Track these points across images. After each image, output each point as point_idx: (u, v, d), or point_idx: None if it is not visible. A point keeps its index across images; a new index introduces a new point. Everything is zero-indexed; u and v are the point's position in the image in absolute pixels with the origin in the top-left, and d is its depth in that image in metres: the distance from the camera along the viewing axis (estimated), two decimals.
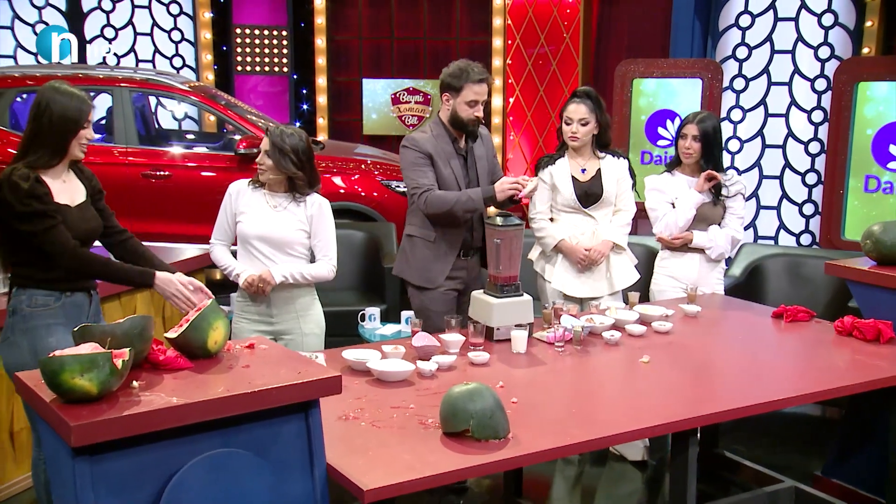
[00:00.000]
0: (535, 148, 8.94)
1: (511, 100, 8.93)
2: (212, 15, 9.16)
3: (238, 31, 9.37)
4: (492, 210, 3.67)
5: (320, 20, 9.27)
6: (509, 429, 2.44)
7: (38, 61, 8.50)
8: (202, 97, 6.58)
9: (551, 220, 4.08)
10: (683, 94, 6.74)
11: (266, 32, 9.43)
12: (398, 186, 6.53)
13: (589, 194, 4.01)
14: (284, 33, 9.43)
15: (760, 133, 6.88)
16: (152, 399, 2.00)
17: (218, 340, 2.28)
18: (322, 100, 9.38)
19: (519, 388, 2.85)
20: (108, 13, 8.81)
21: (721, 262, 4.20)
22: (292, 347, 3.49)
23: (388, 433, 2.47)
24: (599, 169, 4.04)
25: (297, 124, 9.53)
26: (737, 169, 6.97)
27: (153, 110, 8.26)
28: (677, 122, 6.77)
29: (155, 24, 9.01)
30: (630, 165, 4.12)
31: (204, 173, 6.36)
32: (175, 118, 8.93)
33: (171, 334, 2.25)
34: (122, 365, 1.99)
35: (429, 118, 9.04)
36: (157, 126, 7.83)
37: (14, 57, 8.51)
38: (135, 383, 2.08)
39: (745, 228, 6.92)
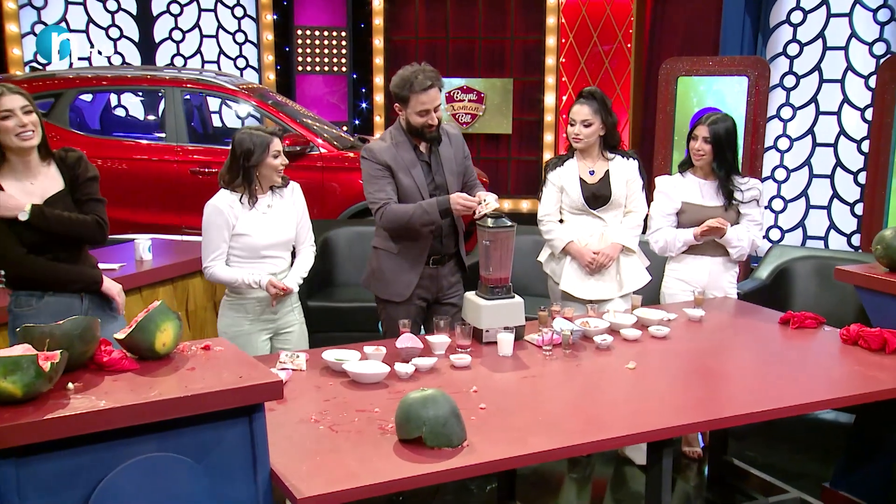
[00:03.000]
0: None
1: (564, 98, 8.92)
2: (274, 17, 9.42)
3: (299, 32, 9.61)
4: (487, 204, 3.43)
5: (378, 21, 9.43)
6: (465, 436, 2.43)
7: (110, 63, 8.93)
8: (250, 96, 6.78)
9: (561, 221, 4.09)
10: (729, 93, 6.60)
11: (326, 33, 9.64)
12: None
13: (597, 196, 4.00)
14: (344, 34, 9.64)
15: (811, 131, 6.71)
16: (80, 402, 1.98)
17: (166, 342, 2.29)
18: (379, 98, 9.54)
19: (493, 393, 2.84)
20: (175, 17, 9.17)
21: (734, 266, 4.13)
22: (296, 337, 3.69)
23: (344, 438, 2.47)
24: (608, 170, 4.02)
25: (357, 122, 9.73)
26: (786, 168, 6.82)
27: (213, 110, 8.56)
28: None
29: (220, 26, 9.33)
30: (640, 165, 4.09)
31: None
32: (239, 117, 9.21)
33: (120, 335, 2.28)
34: (52, 367, 1.97)
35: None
36: (213, 125, 8.10)
37: (89, 59, 8.93)
38: (70, 385, 2.07)
39: (793, 229, 6.77)
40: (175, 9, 9.11)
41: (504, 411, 2.71)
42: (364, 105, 9.79)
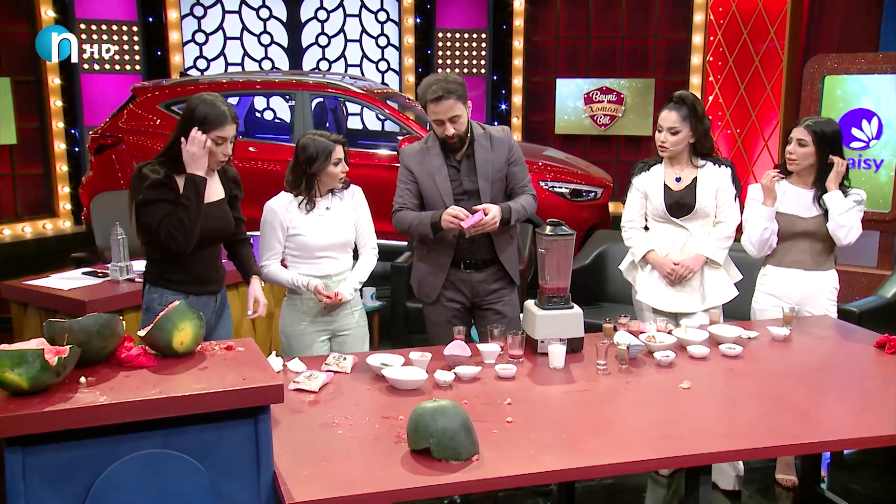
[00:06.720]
0: (734, 147, 8.43)
1: (710, 98, 8.48)
2: (416, 20, 9.56)
3: (440, 34, 9.71)
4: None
5: (519, 22, 9.37)
6: (477, 450, 2.37)
7: (261, 68, 9.39)
8: (374, 99, 6.87)
9: (646, 228, 3.90)
10: (883, 92, 6.08)
11: (467, 35, 9.68)
12: (556, 188, 6.50)
13: (681, 204, 3.77)
14: (484, 36, 9.64)
15: None
16: (84, 396, 2.04)
17: (184, 341, 2.33)
18: (517, 100, 9.48)
19: (527, 407, 2.75)
20: (322, 23, 9.51)
21: (833, 281, 3.76)
22: (353, 341, 3.67)
23: (357, 444, 2.46)
24: (696, 178, 3.78)
25: (495, 123, 9.71)
26: None
27: (354, 112, 8.79)
28: (875, 122, 6.16)
29: (364, 30, 9.59)
30: (734, 173, 3.82)
31: (370, 171, 6.57)
32: (379, 119, 9.43)
33: (142, 332, 2.36)
34: (59, 362, 2.02)
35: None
36: (347, 127, 8.31)
37: (241, 64, 9.44)
38: (82, 379, 2.13)
39: None
40: (322, 15, 9.45)
41: (529, 426, 2.61)
42: (503, 106, 9.75)
